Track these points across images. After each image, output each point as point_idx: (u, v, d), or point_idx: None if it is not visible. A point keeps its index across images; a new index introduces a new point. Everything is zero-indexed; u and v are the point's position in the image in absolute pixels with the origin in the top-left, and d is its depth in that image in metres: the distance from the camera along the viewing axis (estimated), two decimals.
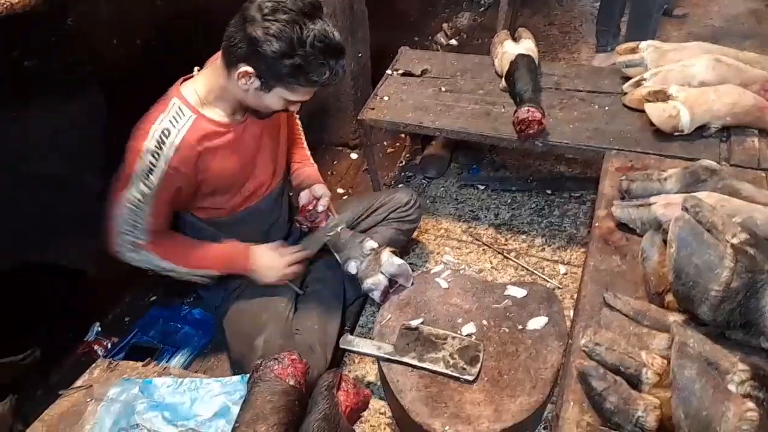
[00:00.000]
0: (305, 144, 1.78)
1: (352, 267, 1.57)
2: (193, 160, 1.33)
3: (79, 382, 1.28)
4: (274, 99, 1.31)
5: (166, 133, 1.28)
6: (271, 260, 1.53)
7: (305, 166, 1.72)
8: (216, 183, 1.42)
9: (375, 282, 1.53)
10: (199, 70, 1.40)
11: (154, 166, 1.28)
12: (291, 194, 1.73)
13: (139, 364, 1.32)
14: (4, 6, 1.15)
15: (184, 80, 1.38)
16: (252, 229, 1.60)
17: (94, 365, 1.32)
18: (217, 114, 1.37)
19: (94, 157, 1.66)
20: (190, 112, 1.32)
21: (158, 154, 1.27)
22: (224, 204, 1.51)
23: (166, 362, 1.60)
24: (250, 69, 1.24)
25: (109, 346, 1.68)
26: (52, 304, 1.62)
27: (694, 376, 0.86)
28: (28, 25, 1.36)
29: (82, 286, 1.72)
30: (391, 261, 1.55)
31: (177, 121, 1.30)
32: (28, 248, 1.55)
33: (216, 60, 1.34)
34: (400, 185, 2.42)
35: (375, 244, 1.60)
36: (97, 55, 1.58)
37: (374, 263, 1.56)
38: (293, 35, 1.17)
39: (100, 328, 1.75)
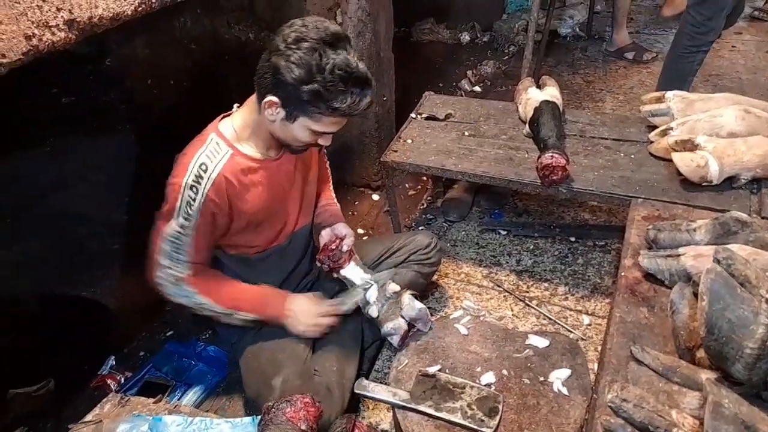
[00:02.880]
0: (331, 184, 1.80)
1: (373, 310, 1.55)
2: (227, 193, 1.36)
3: (89, 417, 1.27)
4: (300, 130, 1.32)
5: (204, 167, 1.32)
6: (308, 310, 1.53)
7: (329, 205, 1.73)
8: (248, 218, 1.44)
9: (395, 326, 1.50)
10: (238, 107, 1.44)
11: (193, 200, 1.32)
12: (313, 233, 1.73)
13: (151, 400, 1.31)
14: (46, 44, 1.20)
15: (224, 117, 1.43)
16: (279, 268, 1.61)
17: (105, 400, 1.31)
18: (252, 150, 1.40)
19: (122, 193, 1.70)
20: (226, 147, 1.36)
21: (196, 188, 1.31)
22: (255, 241, 1.52)
23: (178, 399, 1.58)
24: (275, 99, 1.27)
25: (123, 380, 1.67)
26: (69, 336, 1.62)
27: None
28: (67, 64, 1.43)
29: (100, 319, 1.73)
30: (411, 305, 1.52)
31: (214, 156, 1.34)
32: (49, 280, 1.57)
33: (252, 97, 1.38)
34: (420, 228, 2.41)
35: (397, 288, 1.57)
36: (132, 95, 1.64)
37: (395, 306, 1.54)
38: (312, 62, 1.20)
39: (114, 362, 1.74)
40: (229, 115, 1.43)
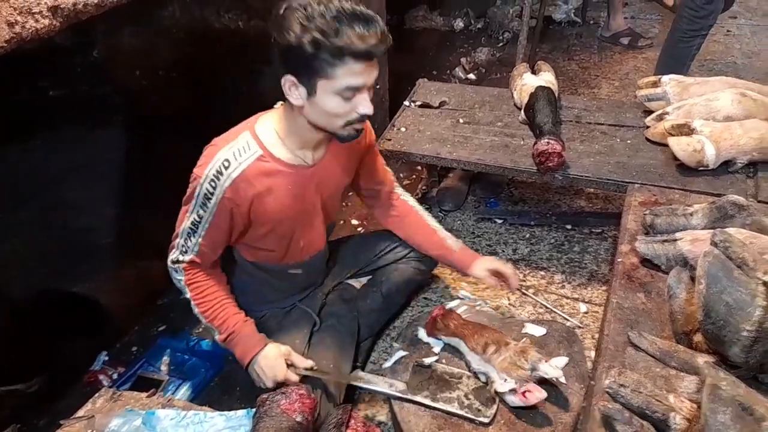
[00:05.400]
0: (396, 185, 1.72)
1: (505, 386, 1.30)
2: (247, 194, 1.30)
3: (81, 412, 1.25)
4: (327, 98, 1.20)
5: (226, 164, 1.27)
6: (272, 367, 1.36)
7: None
8: (271, 225, 1.39)
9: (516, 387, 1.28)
10: (282, 105, 1.35)
11: (211, 194, 1.28)
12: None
13: (143, 394, 1.29)
14: (30, 31, 1.17)
15: (263, 114, 1.36)
16: (290, 285, 1.59)
17: (97, 395, 1.29)
18: (286, 152, 1.33)
19: (113, 186, 1.67)
20: (257, 147, 1.30)
21: (215, 183, 1.27)
22: (277, 251, 1.47)
23: (172, 394, 1.56)
24: (290, 76, 1.20)
25: (115, 376, 1.65)
26: (61, 331, 1.60)
27: (728, 421, 0.80)
28: (55, 56, 1.40)
29: (92, 315, 1.71)
30: (556, 364, 1.29)
31: (240, 155, 1.28)
32: (40, 275, 1.54)
33: None
34: None
35: (512, 384, 1.28)
36: (121, 87, 1.61)
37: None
38: (301, 16, 1.13)
39: (107, 357, 1.72)
40: (266, 112, 1.37)
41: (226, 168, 1.27)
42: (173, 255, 1.37)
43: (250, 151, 1.29)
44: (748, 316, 0.92)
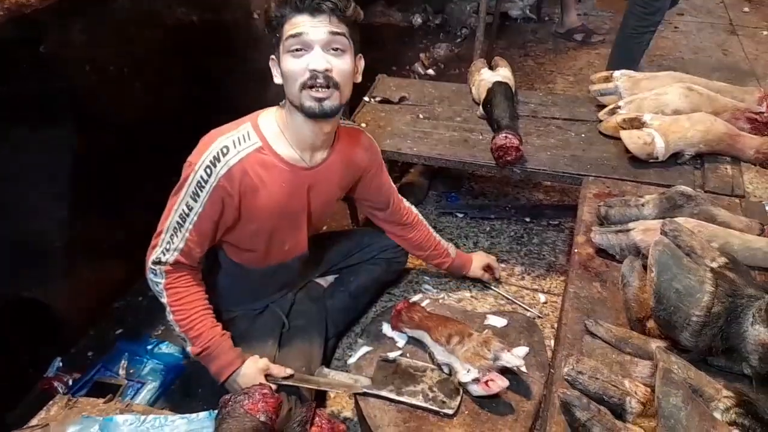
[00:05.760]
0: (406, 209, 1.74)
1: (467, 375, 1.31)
2: (241, 184, 1.27)
3: (34, 421, 1.20)
4: (283, 60, 1.21)
5: (225, 150, 1.25)
6: (250, 380, 1.33)
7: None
8: (259, 222, 1.36)
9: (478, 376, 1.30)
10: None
11: (205, 181, 1.24)
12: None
13: (100, 400, 1.25)
14: None
15: (266, 109, 1.36)
16: (275, 284, 1.58)
17: (51, 402, 1.24)
18: (285, 149, 1.32)
19: (63, 186, 1.61)
20: (257, 138, 1.28)
21: (211, 169, 1.24)
22: (260, 247, 1.43)
23: (131, 398, 1.52)
24: (272, 56, 1.25)
25: (71, 382, 1.59)
26: (11, 337, 1.53)
27: (679, 403, 0.83)
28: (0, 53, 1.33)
29: (44, 319, 1.64)
30: (517, 354, 1.31)
31: (239, 144, 1.26)
32: None
33: None
34: None
35: (475, 373, 1.29)
36: (69, 82, 1.55)
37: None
38: None
39: (61, 363, 1.66)
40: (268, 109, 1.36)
41: (224, 155, 1.24)
42: (155, 255, 1.30)
43: (249, 141, 1.27)
44: (697, 301, 0.96)
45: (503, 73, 2.08)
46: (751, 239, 1.22)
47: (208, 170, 1.24)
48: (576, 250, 1.37)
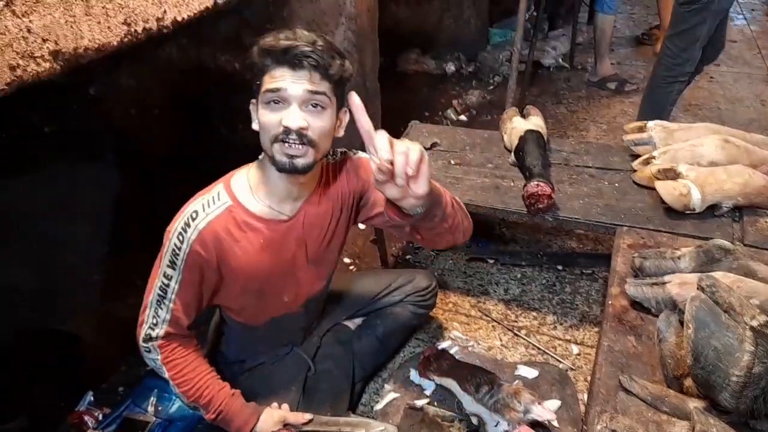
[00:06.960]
0: None
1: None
2: (215, 247, 1.22)
3: None
4: (260, 111, 1.14)
5: (194, 215, 1.21)
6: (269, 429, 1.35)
7: None
8: (243, 282, 1.30)
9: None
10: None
11: (178, 248, 1.21)
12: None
13: None
14: (31, 74, 1.20)
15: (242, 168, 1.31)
16: (289, 335, 1.55)
17: None
18: (260, 205, 1.25)
19: (101, 224, 1.67)
20: (227, 198, 1.23)
21: (182, 236, 1.20)
22: (258, 308, 1.40)
23: None
24: (252, 100, 1.18)
25: (101, 417, 1.61)
26: (46, 370, 1.57)
27: None
28: (51, 93, 1.42)
29: (78, 354, 1.68)
30: (548, 407, 1.32)
31: (209, 206, 1.22)
32: (25, 312, 1.53)
33: None
34: (407, 257, 2.40)
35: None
36: (115, 124, 1.63)
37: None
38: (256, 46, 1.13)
39: (92, 398, 1.69)
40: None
41: (194, 219, 1.20)
42: (144, 332, 1.27)
43: (219, 201, 1.23)
44: (737, 361, 0.92)
45: (535, 122, 2.10)
46: None
47: (180, 237, 1.20)
48: (610, 302, 1.35)
